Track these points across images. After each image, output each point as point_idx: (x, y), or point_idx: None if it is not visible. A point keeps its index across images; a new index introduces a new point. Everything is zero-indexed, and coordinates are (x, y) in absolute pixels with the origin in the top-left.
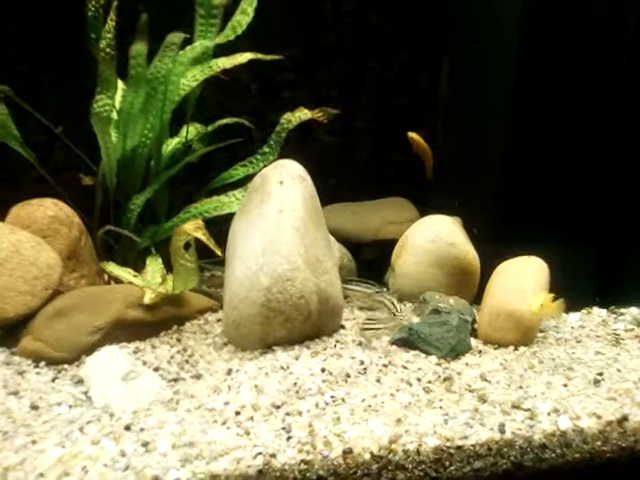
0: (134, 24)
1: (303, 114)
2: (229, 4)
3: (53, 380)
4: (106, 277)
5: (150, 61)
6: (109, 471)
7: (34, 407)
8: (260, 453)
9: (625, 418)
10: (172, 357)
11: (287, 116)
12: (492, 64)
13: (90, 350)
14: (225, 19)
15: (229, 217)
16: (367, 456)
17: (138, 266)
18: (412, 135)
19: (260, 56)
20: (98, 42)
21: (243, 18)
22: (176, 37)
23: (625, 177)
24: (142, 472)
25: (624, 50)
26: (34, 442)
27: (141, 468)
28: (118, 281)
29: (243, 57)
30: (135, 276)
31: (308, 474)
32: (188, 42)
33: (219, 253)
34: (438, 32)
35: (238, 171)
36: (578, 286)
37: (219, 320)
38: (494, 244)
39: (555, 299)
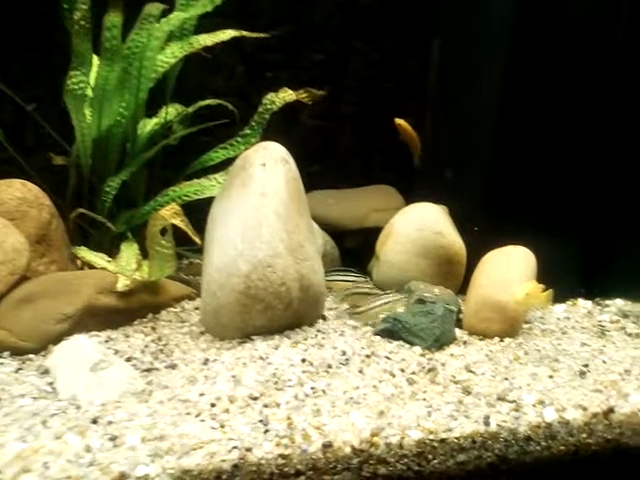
0: None
1: (287, 95)
2: None
3: (17, 371)
4: (79, 263)
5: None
6: (72, 467)
7: None
8: (235, 447)
9: (611, 410)
10: (146, 346)
11: (270, 97)
12: (482, 50)
13: (58, 339)
14: None
15: (212, 201)
16: (348, 450)
17: (113, 252)
18: (399, 122)
19: (244, 34)
20: (72, 14)
21: None
22: (154, 8)
23: (612, 169)
24: (108, 468)
25: (615, 41)
26: None
27: (107, 464)
28: (91, 267)
29: (225, 34)
30: (109, 261)
31: (286, 469)
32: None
33: (197, 240)
34: (428, 15)
35: (218, 153)
36: (564, 277)
37: (197, 308)
38: (481, 234)
39: (544, 290)
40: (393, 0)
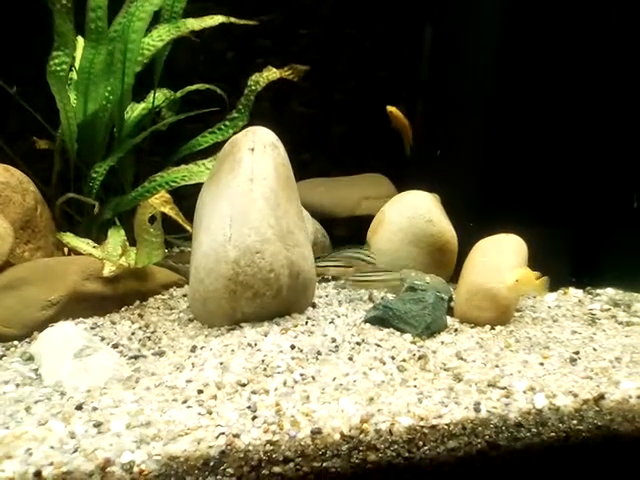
0: None
1: (271, 74)
2: None
3: (0, 357)
4: (66, 250)
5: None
6: (56, 453)
7: None
8: (223, 433)
9: (601, 396)
10: (133, 333)
11: (255, 77)
12: (475, 39)
13: (43, 326)
14: None
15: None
16: (337, 436)
17: (101, 239)
18: (391, 109)
19: (233, 20)
20: None
21: None
22: None
23: (604, 159)
24: (92, 454)
25: (609, 30)
26: None
27: (92, 450)
28: (77, 253)
29: (214, 19)
30: (94, 247)
31: (274, 455)
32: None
33: (189, 229)
34: (421, 2)
35: (207, 138)
36: (555, 267)
37: (185, 295)
38: (472, 222)
39: (538, 277)
40: None
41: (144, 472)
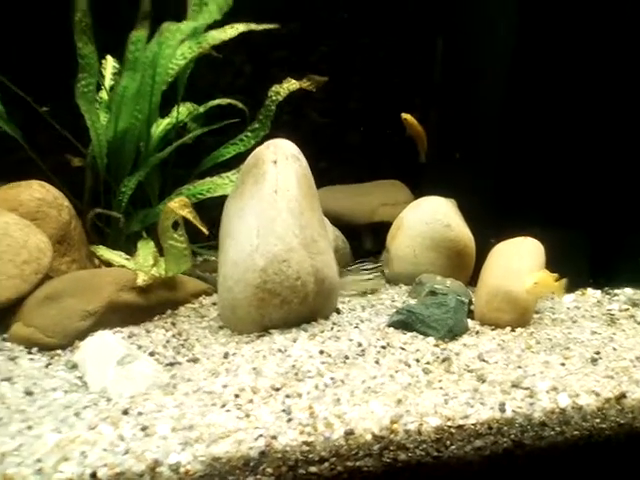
0: None
1: (291, 85)
2: None
3: (47, 366)
4: (97, 262)
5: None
6: (109, 455)
7: (28, 393)
8: (261, 435)
9: (623, 395)
10: (167, 341)
11: (275, 88)
12: (487, 45)
13: (83, 335)
14: None
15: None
16: (369, 437)
17: (130, 251)
18: (406, 116)
19: (252, 26)
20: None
21: None
22: (173, 26)
23: (620, 159)
24: (142, 456)
25: (624, 39)
26: (30, 428)
27: (141, 452)
28: (109, 265)
29: (233, 29)
30: (127, 259)
31: (310, 455)
32: None
33: (205, 231)
34: (434, 9)
35: (229, 149)
36: (573, 268)
37: (214, 304)
38: (490, 226)
39: (557, 279)
40: None
41: (190, 472)
